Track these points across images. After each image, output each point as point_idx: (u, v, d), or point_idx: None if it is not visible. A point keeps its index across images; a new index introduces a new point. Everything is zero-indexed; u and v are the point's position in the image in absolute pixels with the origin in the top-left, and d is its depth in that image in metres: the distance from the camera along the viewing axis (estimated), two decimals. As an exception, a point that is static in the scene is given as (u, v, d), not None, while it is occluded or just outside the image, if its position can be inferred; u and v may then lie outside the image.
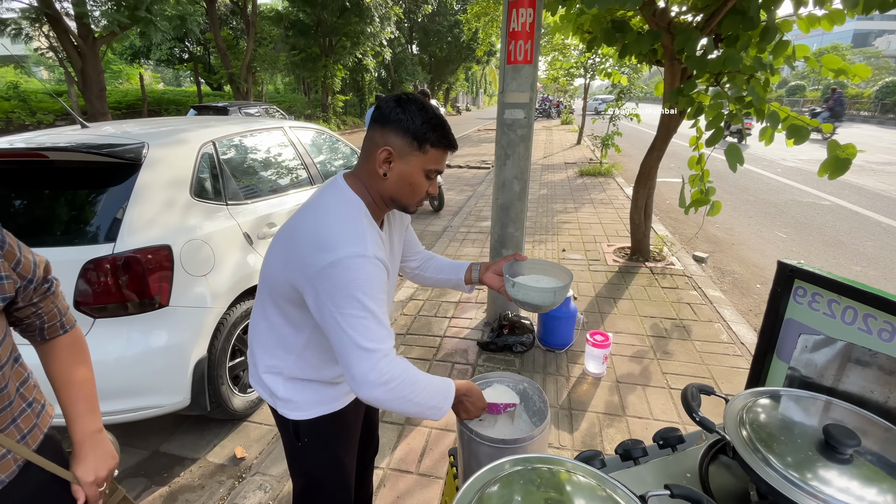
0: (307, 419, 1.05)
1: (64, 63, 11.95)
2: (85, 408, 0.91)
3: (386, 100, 0.94)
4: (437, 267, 1.28)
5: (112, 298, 1.75)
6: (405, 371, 0.88)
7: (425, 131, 0.90)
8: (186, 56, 23.73)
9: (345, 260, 0.83)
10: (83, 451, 0.90)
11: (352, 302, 0.83)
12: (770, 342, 0.73)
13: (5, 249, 0.76)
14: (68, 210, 1.87)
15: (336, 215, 0.91)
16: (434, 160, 0.94)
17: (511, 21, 2.33)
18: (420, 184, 0.95)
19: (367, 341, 0.84)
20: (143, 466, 2.04)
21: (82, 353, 0.94)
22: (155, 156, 1.93)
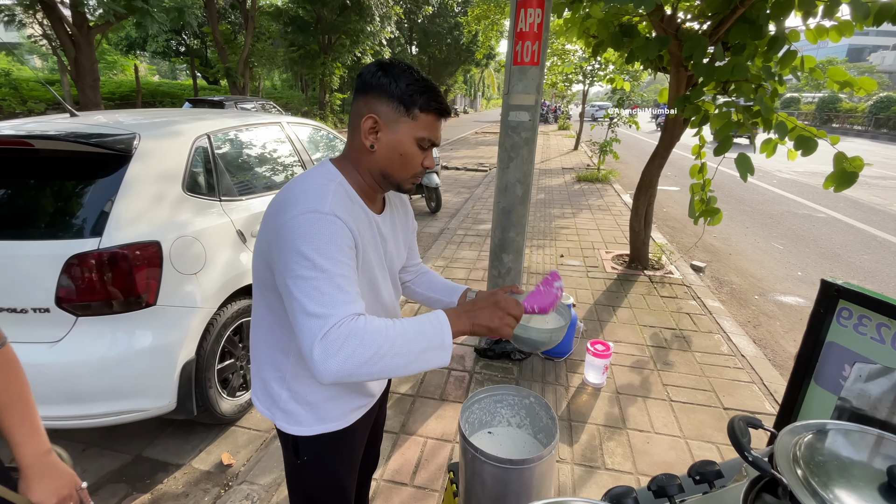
0: (308, 436, 0.96)
1: (57, 51, 11.77)
2: (29, 430, 0.83)
3: (368, 67, 0.86)
4: (429, 284, 1.18)
5: (96, 296, 1.66)
6: (362, 327, 0.69)
7: (412, 93, 0.82)
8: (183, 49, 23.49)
9: (297, 216, 0.75)
10: (36, 474, 0.82)
11: (300, 260, 0.72)
12: (808, 366, 0.68)
13: None
14: (53, 202, 1.78)
15: (301, 179, 0.84)
16: (426, 127, 0.85)
17: (519, 21, 2.27)
18: (412, 154, 0.85)
19: (316, 305, 0.69)
20: (125, 472, 1.95)
21: (16, 371, 0.84)
22: (146, 147, 1.84)
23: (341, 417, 0.98)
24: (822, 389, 0.66)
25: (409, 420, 2.16)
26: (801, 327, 3.43)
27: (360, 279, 0.86)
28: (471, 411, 1.22)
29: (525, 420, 1.23)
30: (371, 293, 0.94)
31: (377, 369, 0.69)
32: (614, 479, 1.83)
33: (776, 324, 3.49)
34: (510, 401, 1.24)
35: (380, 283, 0.96)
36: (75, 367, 1.66)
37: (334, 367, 0.67)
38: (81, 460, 2.01)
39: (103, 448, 2.07)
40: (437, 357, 0.75)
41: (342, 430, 0.99)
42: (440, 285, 1.17)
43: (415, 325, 0.74)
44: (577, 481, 1.82)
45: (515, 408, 1.24)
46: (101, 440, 2.11)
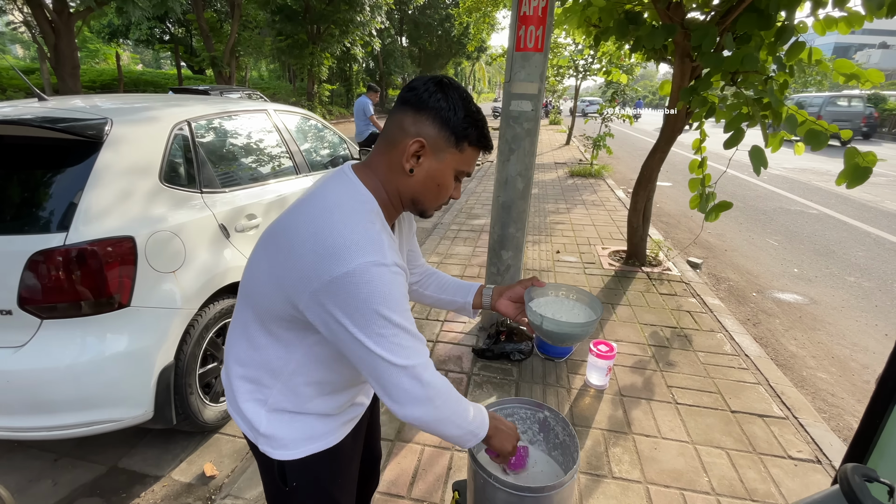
0: (296, 459, 0.86)
1: (37, 38, 11.31)
2: None
3: (424, 81, 0.78)
4: (439, 285, 1.12)
5: (63, 297, 1.52)
6: (448, 388, 0.79)
7: (467, 126, 0.77)
8: (167, 37, 22.88)
9: (360, 271, 0.68)
10: None
11: (376, 320, 0.70)
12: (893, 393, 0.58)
13: None
14: (17, 192, 1.62)
15: (343, 215, 0.73)
16: (468, 161, 0.82)
17: (522, 4, 2.15)
18: (448, 185, 0.82)
19: (403, 359, 0.73)
20: (99, 484, 1.81)
21: None
22: (119, 134, 1.69)
23: (331, 433, 0.90)
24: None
25: (404, 427, 2.05)
26: (800, 325, 3.39)
27: None
28: (479, 426, 1.11)
29: (538, 436, 1.12)
30: None
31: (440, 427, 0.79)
32: (622, 488, 1.74)
33: (776, 321, 3.44)
34: (522, 414, 1.13)
35: None
36: (41, 375, 1.52)
37: (419, 414, 0.76)
38: (52, 472, 1.87)
39: (76, 458, 1.92)
40: (471, 441, 0.84)
41: (333, 446, 0.89)
42: (452, 285, 1.12)
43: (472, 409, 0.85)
44: (584, 491, 1.73)
45: (528, 422, 1.13)
46: (74, 450, 1.96)
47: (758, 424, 2.11)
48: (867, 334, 3.28)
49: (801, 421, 2.13)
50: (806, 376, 2.76)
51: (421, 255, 1.11)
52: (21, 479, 1.84)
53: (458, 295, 1.09)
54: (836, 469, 1.80)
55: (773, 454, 1.94)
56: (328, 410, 0.88)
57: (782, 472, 1.85)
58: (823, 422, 2.16)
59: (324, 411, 0.87)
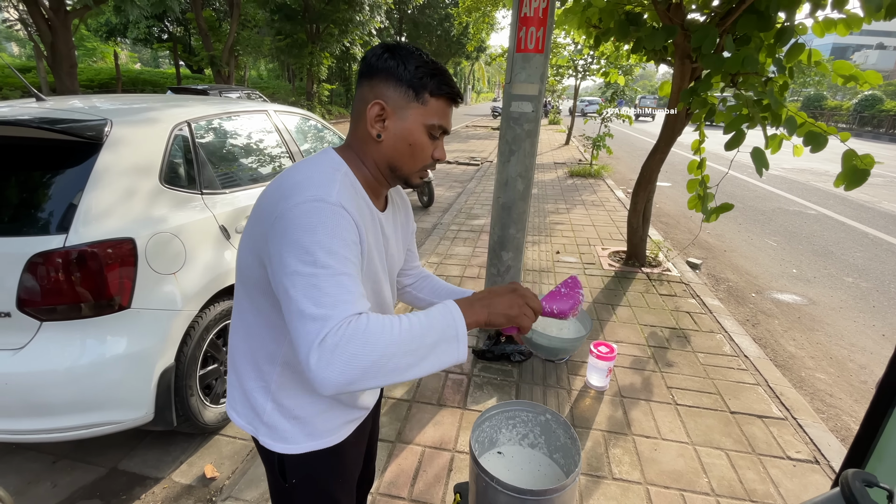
0: (296, 454, 0.85)
1: (33, 37, 11.28)
2: None
3: (372, 49, 0.78)
4: (433, 289, 1.09)
5: (63, 299, 1.51)
6: (363, 327, 0.59)
7: (422, 76, 0.75)
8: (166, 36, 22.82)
9: (300, 205, 0.66)
10: None
11: (299, 254, 0.63)
12: (893, 397, 0.59)
13: None
14: (16, 194, 1.61)
15: (304, 166, 0.75)
16: (437, 113, 0.77)
17: (523, 5, 2.15)
18: (422, 143, 0.78)
19: (314, 305, 0.60)
20: (99, 486, 1.81)
21: None
22: (119, 135, 1.68)
23: (333, 432, 0.89)
24: (910, 423, 0.57)
25: (405, 427, 2.05)
26: (799, 326, 3.40)
27: (364, 280, 0.78)
28: (481, 430, 1.11)
29: (539, 438, 1.12)
30: (374, 296, 0.86)
31: (384, 372, 0.59)
32: (622, 489, 1.75)
33: (775, 322, 3.45)
34: (523, 417, 1.13)
35: (383, 285, 0.88)
36: (40, 377, 1.51)
37: (335, 376, 0.57)
38: (52, 474, 1.86)
39: (75, 460, 1.92)
40: (452, 351, 0.65)
41: (334, 446, 0.89)
42: (445, 290, 1.08)
43: (423, 319, 0.65)
44: (584, 492, 1.73)
45: (529, 424, 1.13)
46: (73, 452, 1.96)
47: (757, 425, 2.12)
48: (865, 335, 3.29)
49: (800, 421, 2.14)
50: (805, 377, 2.77)
51: (417, 258, 1.11)
52: (20, 481, 1.83)
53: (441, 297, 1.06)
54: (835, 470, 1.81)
55: (772, 455, 1.95)
56: (328, 406, 0.87)
57: (781, 472, 1.85)
58: (822, 422, 2.17)
59: (326, 406, 0.86)
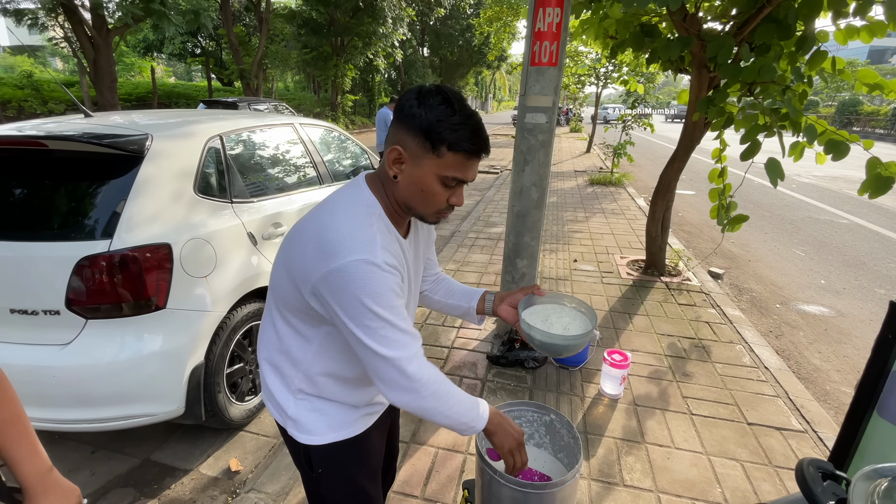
0: (321, 445, 0.93)
1: (77, 53, 11.98)
2: (29, 449, 0.79)
3: (409, 92, 0.82)
4: (447, 290, 1.16)
5: (106, 298, 1.64)
6: (436, 381, 0.83)
7: (441, 130, 0.76)
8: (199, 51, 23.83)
9: (351, 267, 0.75)
10: (41, 493, 0.79)
11: (363, 312, 0.77)
12: (871, 397, 0.62)
13: None
14: (65, 203, 1.76)
15: (345, 216, 0.81)
16: (452, 166, 0.79)
17: (537, 21, 2.22)
18: (434, 192, 0.81)
19: (388, 350, 0.78)
20: (133, 476, 1.93)
21: (7, 389, 0.81)
22: (159, 148, 1.82)
23: (352, 423, 0.96)
24: (888, 423, 0.60)
25: (419, 429, 2.11)
26: (825, 338, 3.31)
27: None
28: (488, 427, 1.16)
29: (545, 438, 1.16)
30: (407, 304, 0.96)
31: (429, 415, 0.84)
32: (633, 496, 1.76)
33: (800, 334, 3.36)
34: (529, 417, 1.18)
35: (411, 304, 0.97)
36: (85, 371, 1.64)
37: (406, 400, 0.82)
38: (90, 463, 2.00)
39: (112, 451, 2.05)
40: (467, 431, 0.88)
41: (355, 436, 0.96)
42: (458, 291, 1.16)
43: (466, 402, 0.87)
44: (595, 498, 1.75)
45: (535, 425, 1.18)
46: (110, 443, 2.09)
47: (775, 437, 2.09)
48: (897, 349, 3.18)
49: (821, 435, 2.10)
50: (829, 390, 2.70)
51: (437, 266, 1.17)
52: (62, 469, 1.94)
53: (463, 300, 1.13)
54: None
55: (790, 467, 1.92)
56: (348, 401, 0.94)
57: (799, 486, 1.82)
58: (845, 437, 2.12)
59: (345, 401, 0.94)
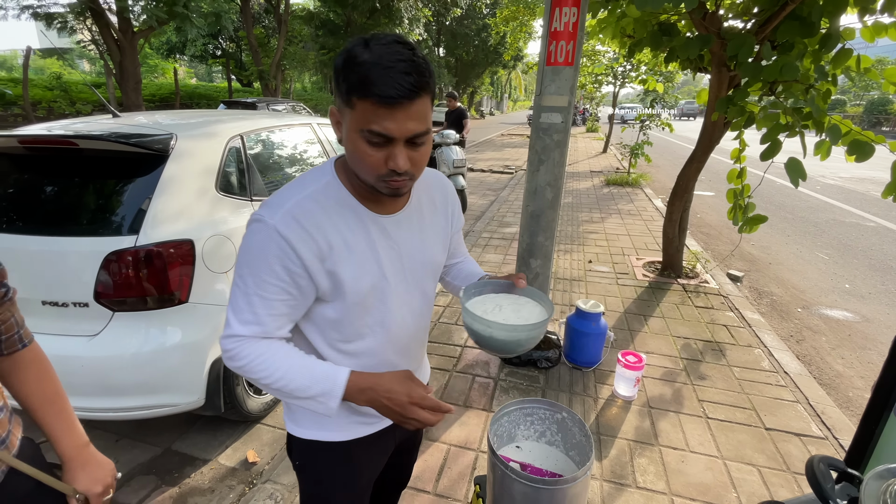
0: (302, 438, 0.91)
1: (104, 56, 12.34)
2: (67, 424, 0.85)
3: None
4: (457, 272, 1.09)
5: (132, 292, 1.70)
6: (257, 356, 0.76)
7: (347, 74, 0.65)
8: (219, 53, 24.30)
9: (249, 223, 0.77)
10: (79, 465, 0.85)
11: (237, 268, 0.77)
12: (888, 399, 0.61)
13: None
14: (94, 199, 1.83)
15: (289, 185, 0.80)
16: (365, 117, 0.66)
17: (553, 21, 2.21)
18: (361, 152, 0.69)
19: (232, 309, 0.77)
20: (155, 464, 1.99)
21: (49, 369, 0.86)
22: (182, 147, 1.88)
23: (340, 428, 0.91)
24: (904, 424, 0.59)
25: (432, 427, 2.13)
26: (849, 344, 3.22)
27: (344, 292, 0.80)
28: (499, 424, 1.18)
29: (556, 436, 1.17)
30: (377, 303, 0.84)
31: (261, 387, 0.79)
32: (646, 498, 1.75)
33: (822, 339, 3.28)
34: (541, 415, 1.19)
35: (389, 292, 0.85)
36: (111, 361, 1.70)
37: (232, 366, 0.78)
38: (114, 451, 2.07)
39: (135, 440, 2.12)
40: (318, 409, 0.78)
41: (339, 442, 0.91)
42: (464, 272, 1.07)
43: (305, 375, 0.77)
44: (606, 499, 1.75)
45: (546, 422, 1.18)
46: (133, 432, 2.17)
47: (794, 443, 2.05)
48: (925, 356, 3.08)
49: (842, 442, 2.05)
50: (852, 397, 2.63)
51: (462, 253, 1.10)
52: (89, 455, 2.05)
53: (461, 280, 1.05)
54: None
55: (809, 474, 1.88)
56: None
57: (818, 492, 1.79)
58: (867, 444, 2.07)
59: None
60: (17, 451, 0.76)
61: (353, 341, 0.86)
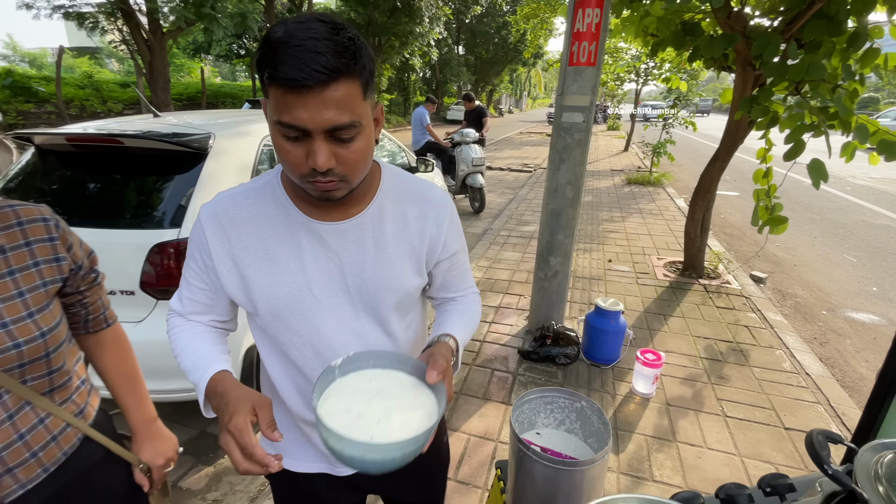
0: None
1: (134, 56, 12.78)
2: (139, 399, 0.95)
3: None
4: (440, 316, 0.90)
5: (174, 282, 1.81)
6: (171, 329, 0.80)
7: (259, 59, 0.57)
8: (243, 52, 24.80)
9: None
10: (145, 437, 0.94)
11: None
12: (892, 384, 0.65)
13: (60, 232, 0.77)
14: (139, 195, 1.96)
15: None
16: (278, 107, 0.57)
17: (576, 21, 2.25)
18: (278, 147, 0.61)
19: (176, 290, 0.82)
20: (191, 445, 2.11)
21: (128, 348, 0.96)
22: (220, 146, 1.99)
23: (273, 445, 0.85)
24: (909, 410, 0.63)
25: (452, 416, 2.20)
26: (874, 347, 3.17)
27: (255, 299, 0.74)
28: (521, 410, 1.24)
29: (575, 424, 1.22)
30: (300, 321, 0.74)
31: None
32: (662, 491, 1.78)
33: (846, 342, 3.23)
34: (561, 403, 1.24)
35: (316, 308, 0.74)
36: (155, 346, 1.82)
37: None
38: (153, 432, 2.20)
39: (173, 422, 2.25)
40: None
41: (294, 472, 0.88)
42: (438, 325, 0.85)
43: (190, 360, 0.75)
44: (623, 490, 1.78)
45: (566, 411, 1.24)
46: (172, 414, 2.29)
47: (814, 443, 2.05)
48: (956, 361, 3.00)
49: (864, 444, 2.04)
50: (877, 400, 2.60)
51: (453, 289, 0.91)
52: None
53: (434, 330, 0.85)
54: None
55: (829, 474, 1.88)
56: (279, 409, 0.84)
57: (838, 492, 1.80)
58: (891, 447, 2.05)
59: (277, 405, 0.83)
60: (92, 421, 0.85)
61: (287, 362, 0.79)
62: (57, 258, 0.77)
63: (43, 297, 0.74)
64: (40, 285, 0.74)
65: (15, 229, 0.73)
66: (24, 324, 0.70)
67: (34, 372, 0.73)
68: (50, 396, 0.77)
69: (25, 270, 0.72)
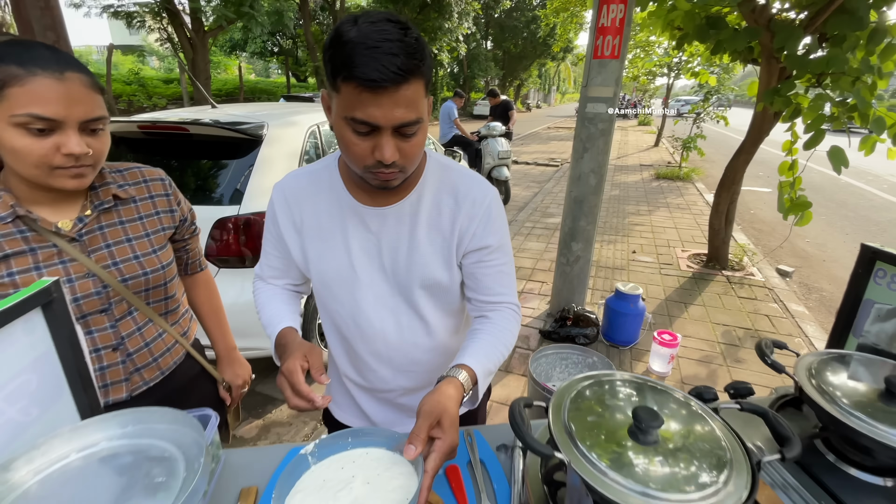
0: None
1: (178, 53, 13.45)
2: (223, 330, 1.18)
3: None
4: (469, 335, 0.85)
5: (232, 252, 2.06)
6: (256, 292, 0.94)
7: (332, 55, 0.60)
8: (277, 49, 25.53)
9: None
10: (227, 362, 1.17)
11: None
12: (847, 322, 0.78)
13: (173, 189, 0.99)
14: (203, 176, 2.22)
15: None
16: (351, 104, 0.61)
17: (601, 17, 2.37)
18: (347, 141, 0.65)
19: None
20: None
21: (215, 289, 1.19)
22: (273, 134, 2.22)
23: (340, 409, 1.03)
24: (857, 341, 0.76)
25: (476, 385, 2.38)
26: (901, 340, 3.16)
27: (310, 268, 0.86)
28: (538, 363, 1.41)
29: (587, 375, 1.39)
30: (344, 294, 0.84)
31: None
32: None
33: (871, 334, 3.24)
34: (574, 359, 1.41)
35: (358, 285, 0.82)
36: (215, 309, 2.08)
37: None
38: (209, 389, 2.47)
39: (226, 381, 2.52)
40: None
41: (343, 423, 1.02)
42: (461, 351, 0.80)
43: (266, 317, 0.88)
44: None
45: (579, 366, 1.40)
46: (224, 375, 2.57)
47: (824, 422, 2.13)
48: None
49: (875, 424, 2.11)
50: None
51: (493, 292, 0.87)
52: (190, 390, 2.47)
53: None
54: None
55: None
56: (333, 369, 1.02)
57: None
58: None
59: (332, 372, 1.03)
60: (192, 343, 1.08)
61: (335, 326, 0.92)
62: (171, 210, 0.99)
63: (162, 238, 0.96)
64: (160, 229, 0.96)
65: (141, 184, 0.95)
66: (150, 257, 0.92)
67: (155, 296, 0.95)
68: (165, 318, 0.99)
69: (150, 217, 0.95)
